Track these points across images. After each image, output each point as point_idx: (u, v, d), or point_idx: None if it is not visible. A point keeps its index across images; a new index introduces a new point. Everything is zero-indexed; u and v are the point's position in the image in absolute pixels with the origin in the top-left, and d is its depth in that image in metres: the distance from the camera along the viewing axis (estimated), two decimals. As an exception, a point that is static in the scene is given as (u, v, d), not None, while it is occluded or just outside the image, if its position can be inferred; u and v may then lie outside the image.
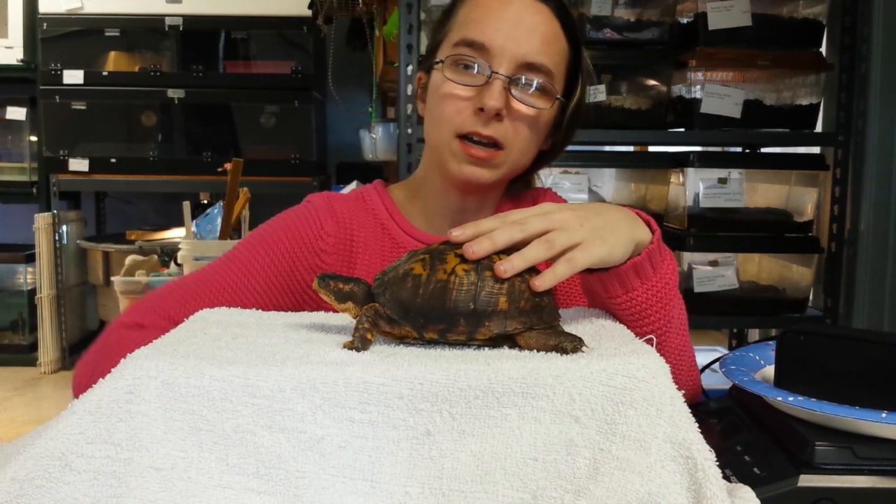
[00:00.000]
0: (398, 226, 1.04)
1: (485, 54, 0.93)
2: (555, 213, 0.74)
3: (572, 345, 0.66)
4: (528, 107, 0.94)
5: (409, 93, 1.79)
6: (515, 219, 0.73)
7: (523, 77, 0.94)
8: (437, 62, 0.97)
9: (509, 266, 0.69)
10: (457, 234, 0.71)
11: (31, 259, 3.56)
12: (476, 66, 0.94)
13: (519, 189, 1.11)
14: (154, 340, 0.71)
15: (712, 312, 2.01)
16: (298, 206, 1.06)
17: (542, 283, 0.70)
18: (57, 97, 3.48)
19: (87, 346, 0.96)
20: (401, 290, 0.69)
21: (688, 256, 1.99)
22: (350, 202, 1.06)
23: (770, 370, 0.85)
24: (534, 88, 0.94)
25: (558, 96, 0.97)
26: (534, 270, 0.72)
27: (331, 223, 1.02)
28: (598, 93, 1.97)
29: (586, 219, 0.75)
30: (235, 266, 1.00)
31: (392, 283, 0.70)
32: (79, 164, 3.50)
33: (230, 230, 2.15)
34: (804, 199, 2.02)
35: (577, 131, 1.06)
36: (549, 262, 0.73)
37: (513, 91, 0.93)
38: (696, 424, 0.61)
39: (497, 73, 0.93)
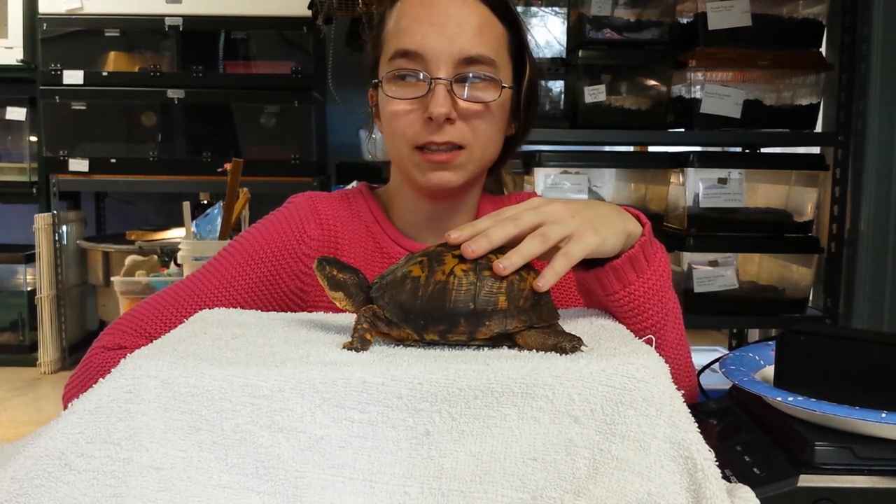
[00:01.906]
0: (383, 230, 1.03)
1: (420, 62, 0.92)
2: (545, 207, 0.75)
3: (571, 344, 0.66)
4: (475, 103, 0.93)
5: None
6: (509, 215, 0.74)
7: (465, 74, 0.92)
8: (378, 81, 0.96)
9: (508, 263, 0.69)
10: (455, 235, 0.71)
11: (31, 259, 3.56)
12: (415, 76, 0.93)
13: (491, 188, 1.11)
14: (154, 342, 0.71)
15: (712, 312, 2.02)
16: (279, 209, 1.04)
17: (543, 282, 0.70)
18: (57, 97, 3.48)
19: (84, 352, 0.95)
20: (400, 293, 0.69)
21: (688, 256, 1.99)
22: (335, 203, 1.04)
23: (770, 370, 0.84)
24: (478, 82, 0.93)
25: (504, 84, 0.95)
26: (531, 268, 0.72)
27: (313, 226, 1.01)
28: (598, 93, 1.97)
29: (577, 211, 0.76)
30: (216, 278, 0.98)
31: (391, 286, 0.70)
32: (79, 165, 3.50)
33: (230, 230, 2.15)
34: (804, 199, 2.03)
35: (575, 131, 1.05)
36: (546, 261, 0.74)
37: (457, 91, 0.92)
38: (696, 424, 0.61)
39: (438, 78, 0.91)
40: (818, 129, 2.09)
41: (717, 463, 0.59)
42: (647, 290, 0.80)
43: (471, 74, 0.93)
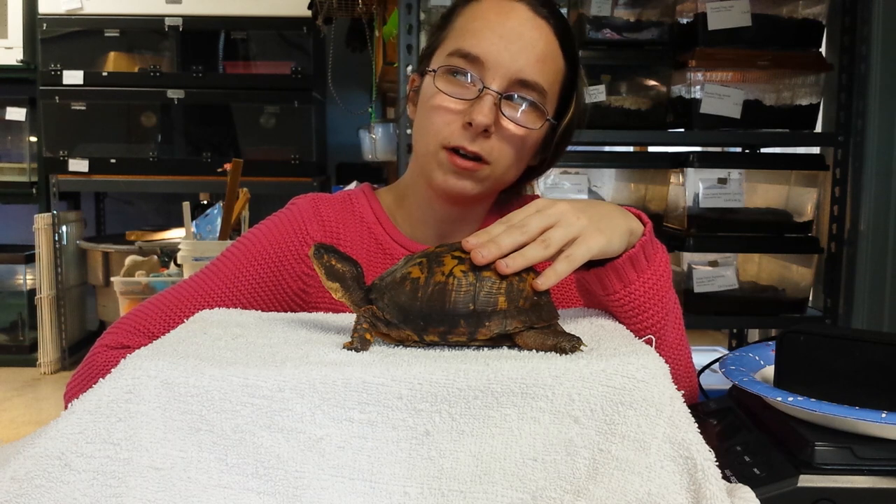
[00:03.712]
0: (385, 231, 1.03)
1: (478, 67, 0.92)
2: (551, 209, 0.75)
3: (570, 344, 0.66)
4: (516, 125, 0.93)
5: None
6: (516, 221, 0.74)
7: (515, 94, 0.92)
8: (431, 71, 0.96)
9: (511, 262, 0.70)
10: (473, 241, 0.71)
11: (30, 260, 3.56)
12: (469, 78, 0.93)
13: (506, 199, 1.11)
14: (154, 342, 0.71)
15: (712, 312, 2.01)
16: (282, 210, 1.04)
17: (544, 282, 0.70)
18: (57, 98, 3.48)
19: (84, 353, 0.95)
20: (399, 294, 0.69)
21: (688, 256, 1.99)
22: (337, 204, 1.04)
23: (770, 370, 0.84)
24: (525, 106, 0.93)
25: (549, 118, 0.96)
26: (531, 268, 0.72)
27: (315, 227, 1.01)
28: (598, 93, 1.97)
29: (582, 211, 0.76)
30: (219, 279, 0.99)
31: (390, 287, 0.70)
32: (78, 165, 3.50)
33: (230, 231, 2.15)
34: (804, 200, 2.02)
35: (581, 131, 1.05)
36: (550, 261, 0.74)
37: (503, 108, 0.92)
38: (696, 425, 0.61)
39: (489, 88, 0.91)
40: (818, 129, 2.08)
41: (717, 463, 0.59)
42: (647, 289, 0.80)
43: (520, 96, 0.93)
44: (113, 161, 3.52)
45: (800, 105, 2.03)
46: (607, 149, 2.47)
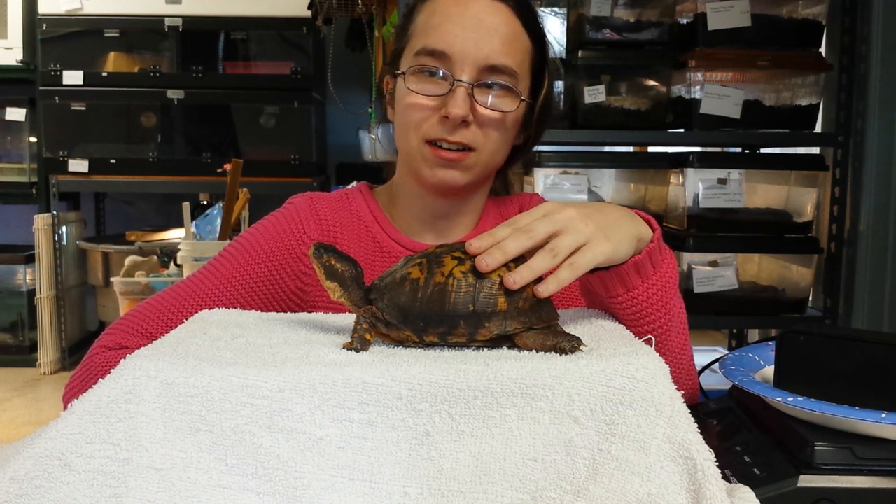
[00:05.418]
0: (382, 229, 1.04)
1: (446, 62, 0.93)
2: (558, 214, 0.74)
3: (570, 344, 0.66)
4: (493, 111, 0.94)
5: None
6: (523, 225, 0.73)
7: (487, 80, 0.93)
8: (401, 73, 0.96)
9: (519, 277, 0.69)
10: (476, 245, 0.71)
11: (30, 260, 3.56)
12: (438, 74, 0.93)
13: (498, 189, 1.11)
14: (154, 342, 0.71)
15: (712, 313, 2.01)
16: (279, 210, 1.05)
17: (545, 289, 0.70)
18: (56, 98, 3.48)
19: (84, 353, 0.95)
20: (399, 295, 0.69)
21: (687, 257, 1.99)
22: (334, 203, 1.05)
23: (770, 370, 0.84)
24: (498, 91, 0.94)
25: (523, 98, 0.97)
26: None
27: (313, 226, 1.01)
28: (597, 93, 1.97)
29: (590, 216, 0.75)
30: (217, 278, 0.99)
31: (389, 287, 0.70)
32: (78, 165, 3.50)
33: (230, 231, 2.15)
34: (804, 200, 2.02)
35: (575, 132, 1.05)
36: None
37: (477, 96, 0.93)
38: (696, 425, 0.61)
39: (460, 80, 0.92)
40: (818, 129, 2.08)
41: (717, 463, 0.59)
42: (650, 295, 0.80)
43: (492, 82, 0.94)
44: (113, 161, 3.52)
45: (800, 105, 2.03)
46: (607, 149, 2.47)
